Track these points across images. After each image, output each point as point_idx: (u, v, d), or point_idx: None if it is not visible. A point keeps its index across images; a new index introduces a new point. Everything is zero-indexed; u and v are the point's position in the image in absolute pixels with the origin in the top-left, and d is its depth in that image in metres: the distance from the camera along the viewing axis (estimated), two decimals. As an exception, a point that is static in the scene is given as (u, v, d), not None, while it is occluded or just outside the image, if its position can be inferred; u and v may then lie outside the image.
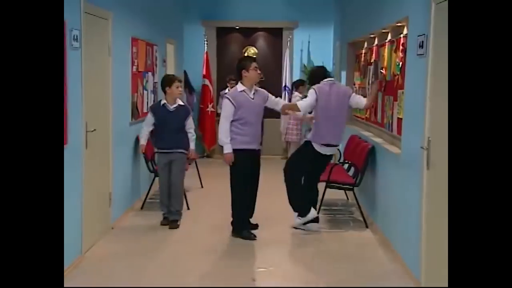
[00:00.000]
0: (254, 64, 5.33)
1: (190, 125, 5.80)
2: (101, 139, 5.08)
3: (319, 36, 10.32)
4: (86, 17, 4.51)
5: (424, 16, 3.95)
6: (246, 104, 5.23)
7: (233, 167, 5.25)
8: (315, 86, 5.48)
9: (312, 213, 5.51)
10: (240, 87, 5.30)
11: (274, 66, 10.44)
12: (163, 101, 5.66)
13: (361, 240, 5.33)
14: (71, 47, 4.20)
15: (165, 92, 5.67)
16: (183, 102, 5.84)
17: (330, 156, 5.68)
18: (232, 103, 5.16)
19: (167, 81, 5.66)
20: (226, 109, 5.20)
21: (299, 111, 5.51)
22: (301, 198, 5.59)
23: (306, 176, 5.65)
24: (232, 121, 5.18)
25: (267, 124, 10.16)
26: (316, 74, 5.70)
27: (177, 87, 5.63)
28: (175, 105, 5.64)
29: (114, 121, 5.40)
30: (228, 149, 5.17)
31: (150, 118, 5.73)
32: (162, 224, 5.68)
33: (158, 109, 5.68)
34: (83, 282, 4.12)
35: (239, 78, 5.37)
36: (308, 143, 5.55)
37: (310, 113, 5.70)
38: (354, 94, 5.65)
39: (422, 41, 4.00)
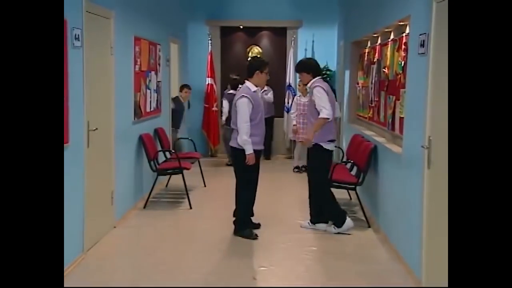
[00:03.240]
0: (267, 69, 5.32)
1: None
2: (103, 138, 5.09)
3: (323, 35, 10.29)
4: (87, 16, 4.52)
5: (426, 15, 3.93)
6: (259, 104, 5.23)
7: (244, 167, 5.20)
8: (322, 85, 5.33)
9: (348, 223, 5.39)
10: (252, 87, 5.23)
11: (278, 65, 10.41)
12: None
13: (363, 239, 5.31)
14: (73, 46, 4.22)
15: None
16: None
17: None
18: (252, 103, 5.11)
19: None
20: (248, 109, 5.09)
21: (328, 118, 5.19)
22: (334, 206, 5.45)
23: (325, 177, 5.50)
24: None
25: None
26: (318, 67, 5.59)
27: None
28: None
29: (116, 120, 5.41)
30: (251, 150, 5.11)
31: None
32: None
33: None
34: (85, 281, 4.13)
35: (248, 76, 5.29)
36: (317, 147, 5.36)
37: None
38: None
39: (423, 40, 3.98)
